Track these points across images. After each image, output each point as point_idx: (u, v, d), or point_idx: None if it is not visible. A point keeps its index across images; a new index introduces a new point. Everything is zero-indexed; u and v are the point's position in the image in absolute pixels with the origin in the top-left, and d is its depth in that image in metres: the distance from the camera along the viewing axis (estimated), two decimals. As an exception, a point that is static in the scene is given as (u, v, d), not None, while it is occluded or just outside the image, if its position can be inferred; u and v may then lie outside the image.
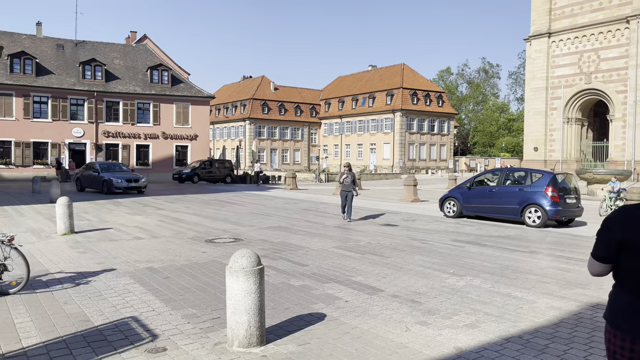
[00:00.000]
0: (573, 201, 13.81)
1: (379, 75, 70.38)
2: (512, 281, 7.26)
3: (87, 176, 24.34)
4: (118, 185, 22.53)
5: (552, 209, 13.15)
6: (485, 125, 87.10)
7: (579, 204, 14.12)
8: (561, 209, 13.30)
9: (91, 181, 23.96)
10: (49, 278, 7.12)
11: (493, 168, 22.33)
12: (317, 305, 5.97)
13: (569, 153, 46.54)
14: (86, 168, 25.33)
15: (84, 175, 24.75)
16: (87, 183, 24.33)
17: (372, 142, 66.70)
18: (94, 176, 23.80)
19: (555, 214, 13.21)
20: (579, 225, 14.22)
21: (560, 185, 13.67)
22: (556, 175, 13.90)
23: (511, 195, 14.15)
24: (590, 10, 44.04)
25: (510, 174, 15.31)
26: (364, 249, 9.76)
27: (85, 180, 24.48)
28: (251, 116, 68.92)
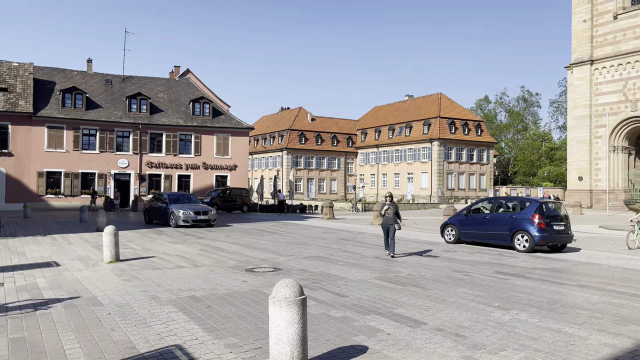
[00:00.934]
0: (561, 228, 14.53)
1: (415, 105, 70.39)
2: (562, 316, 6.98)
3: (155, 208, 22.98)
4: (186, 217, 20.89)
5: (538, 234, 14.01)
6: (526, 154, 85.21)
7: (569, 231, 14.77)
8: (547, 235, 14.07)
9: (159, 213, 22.54)
10: (97, 305, 7.32)
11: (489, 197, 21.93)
12: (359, 338, 5.90)
13: (616, 182, 44.88)
14: (155, 199, 23.92)
15: (152, 207, 23.36)
16: (154, 215, 22.92)
17: (409, 171, 66.27)
18: (161, 208, 22.39)
19: (542, 240, 14.04)
20: (571, 252, 14.75)
21: (549, 213, 14.60)
22: (544, 203, 14.76)
23: (502, 222, 15.09)
24: (634, 37, 43.09)
25: (502, 202, 16.17)
26: (405, 280, 9.61)
27: (153, 212, 23.12)
28: (288, 146, 69.85)
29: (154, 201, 23.54)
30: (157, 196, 23.84)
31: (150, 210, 23.46)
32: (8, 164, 34.38)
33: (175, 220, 20.99)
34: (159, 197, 23.37)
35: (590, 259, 13.18)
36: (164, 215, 22.05)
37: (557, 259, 13.17)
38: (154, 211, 23.06)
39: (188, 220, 20.86)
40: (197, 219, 21.06)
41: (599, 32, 45.79)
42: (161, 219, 22.34)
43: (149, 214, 23.53)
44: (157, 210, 22.71)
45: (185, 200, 22.98)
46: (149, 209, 23.54)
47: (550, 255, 13.83)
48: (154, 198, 23.95)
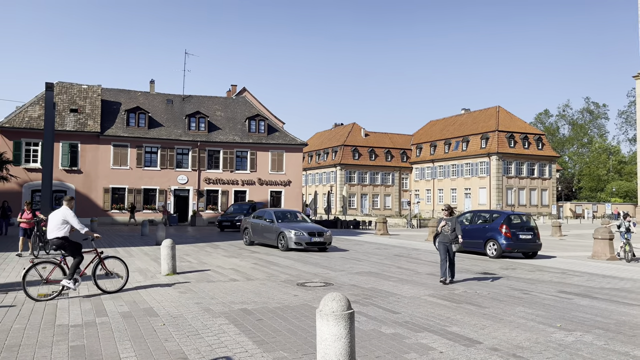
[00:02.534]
0: (528, 237, 16.62)
1: (472, 119, 68.85)
2: (630, 339, 6.50)
3: (258, 226, 19.97)
4: (299, 239, 17.80)
5: (505, 242, 16.24)
6: (592, 168, 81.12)
7: (537, 240, 16.78)
8: (513, 243, 16.26)
9: (262, 233, 19.57)
10: (152, 315, 7.53)
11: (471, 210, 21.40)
12: (410, 355, 5.73)
13: (694, 198, 41.76)
14: (256, 217, 20.72)
15: (253, 225, 20.26)
16: (257, 235, 19.92)
17: (466, 186, 64.61)
18: (266, 227, 19.41)
19: (507, 247, 16.21)
20: (543, 258, 16.99)
21: (517, 224, 16.71)
22: (511, 215, 16.99)
23: (478, 232, 17.28)
24: None
25: (480, 214, 18.41)
26: (460, 297, 9.30)
27: (255, 232, 20.04)
28: (342, 162, 70.00)
29: (254, 218, 20.71)
30: (257, 213, 20.98)
31: (251, 229, 20.29)
32: (77, 181, 36.45)
33: (286, 242, 17.96)
34: (261, 214, 20.48)
35: (664, 279, 12.27)
36: (269, 236, 19.11)
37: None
38: (256, 230, 20.03)
39: (301, 242, 17.77)
40: (312, 241, 17.88)
41: (670, 39, 43.20)
42: (266, 239, 19.31)
43: (249, 235, 20.37)
44: (260, 228, 19.73)
45: (292, 218, 20.17)
46: (250, 227, 20.40)
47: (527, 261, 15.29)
48: (254, 216, 20.91)
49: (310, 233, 17.94)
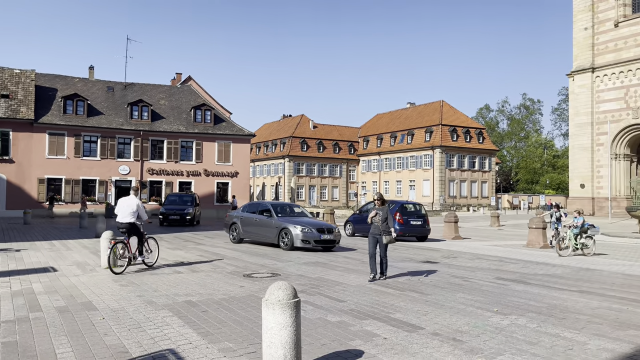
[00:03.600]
0: (418, 223, 19.39)
1: (417, 113, 70.49)
2: (560, 321, 6.90)
3: (251, 221, 17.11)
4: (306, 237, 15.21)
5: (398, 227, 18.37)
6: (528, 162, 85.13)
7: (426, 226, 19.65)
8: (404, 228, 18.81)
9: (258, 229, 16.75)
10: (91, 309, 7.26)
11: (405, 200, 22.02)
12: (355, 342, 5.83)
13: (618, 190, 44.74)
14: (248, 210, 17.73)
15: (244, 220, 17.39)
16: (250, 231, 17.16)
17: (411, 178, 66.20)
18: (263, 222, 16.61)
19: (400, 231, 18.52)
20: (433, 241, 19.95)
21: (411, 212, 19.69)
22: (404, 204, 19.82)
23: None
24: (635, 44, 43.12)
25: None
26: (404, 285, 9.53)
27: (247, 228, 17.23)
28: (290, 154, 69.92)
29: (246, 212, 17.67)
30: (251, 206, 18.08)
31: (241, 223, 17.39)
32: (9, 171, 34.43)
33: (290, 240, 15.34)
34: (257, 206, 17.75)
35: (590, 265, 13.08)
36: (267, 232, 16.37)
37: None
38: (248, 227, 17.15)
39: (309, 240, 15.18)
40: (321, 238, 15.28)
41: (600, 40, 45.85)
42: (262, 237, 16.63)
43: (237, 231, 17.52)
44: (255, 225, 16.94)
45: (292, 212, 17.35)
46: (240, 222, 17.47)
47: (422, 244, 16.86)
48: (246, 209, 17.93)
49: (319, 229, 15.33)
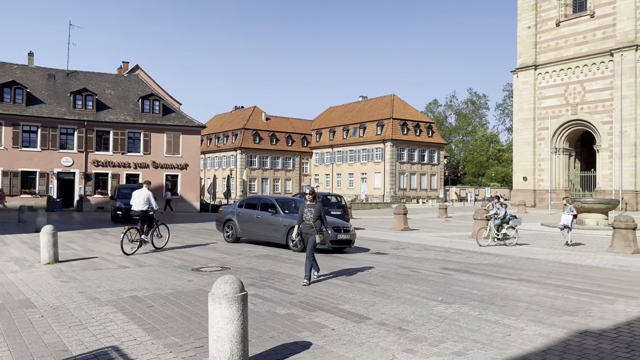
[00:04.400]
0: (338, 213, 20.17)
1: (369, 106, 71.29)
2: (501, 308, 7.20)
3: (251, 218, 15.01)
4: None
5: None
6: (475, 155, 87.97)
7: (345, 215, 20.71)
8: None
9: (261, 227, 14.66)
10: (29, 307, 6.95)
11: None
12: (303, 334, 5.87)
13: (558, 183, 46.97)
14: (243, 204, 15.91)
15: (242, 217, 15.27)
16: (250, 230, 15.03)
17: (363, 171, 67.01)
18: (266, 219, 14.47)
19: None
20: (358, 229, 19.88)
21: (333, 202, 21.25)
22: (327, 195, 21.65)
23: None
24: (574, 43, 45.22)
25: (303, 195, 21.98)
26: (353, 277, 9.67)
27: (246, 225, 15.10)
28: (242, 146, 69.21)
29: (246, 209, 15.47)
30: (250, 201, 15.77)
31: (239, 220, 15.26)
32: (-60, 162, 32.30)
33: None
34: (256, 201, 15.53)
35: (530, 254, 13.69)
36: (272, 232, 14.26)
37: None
38: (248, 224, 15.03)
39: (325, 241, 11.56)
40: (338, 239, 13.14)
41: (542, 39, 47.79)
42: (265, 236, 14.53)
43: (234, 229, 15.38)
44: (256, 222, 14.81)
45: (297, 207, 14.63)
46: (237, 218, 15.34)
47: None
48: (243, 205, 15.80)
49: (335, 229, 13.14)
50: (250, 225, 15.06)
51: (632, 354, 5.23)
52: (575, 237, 19.40)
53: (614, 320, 6.58)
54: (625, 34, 41.26)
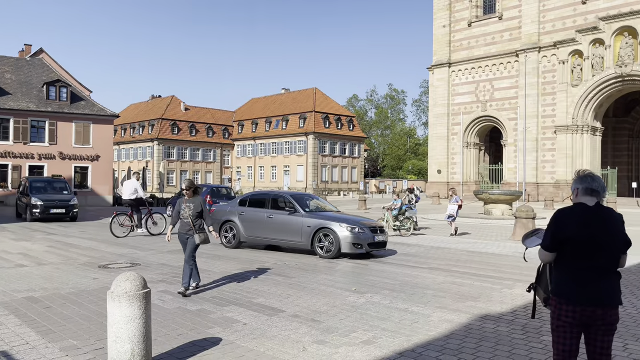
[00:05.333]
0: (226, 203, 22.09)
1: (291, 99, 71.28)
2: (410, 296, 7.45)
3: (260, 219, 12.44)
4: (358, 239, 11.17)
5: (208, 207, 21.16)
6: (393, 149, 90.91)
7: None
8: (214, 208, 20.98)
9: (273, 229, 12.23)
10: None
11: None
12: (213, 330, 5.71)
13: (469, 175, 49.67)
14: (244, 202, 13.13)
15: (247, 218, 12.64)
16: (257, 232, 12.49)
17: (285, 164, 67.00)
18: (281, 220, 12.08)
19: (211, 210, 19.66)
20: None
21: (222, 194, 23.20)
22: (214, 187, 23.97)
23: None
24: (484, 43, 47.85)
25: None
26: (269, 270, 9.59)
27: (253, 227, 12.53)
28: (160, 136, 66.66)
29: (250, 208, 12.78)
30: (254, 198, 13.21)
31: (244, 223, 12.65)
32: None
33: (335, 244, 11.11)
34: (261, 199, 13.01)
35: (441, 243, 14.34)
36: (289, 235, 11.95)
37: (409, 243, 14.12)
38: (256, 226, 12.46)
39: (361, 243, 11.15)
40: (375, 241, 11.46)
41: (456, 37, 50.13)
42: (280, 240, 12.21)
43: (237, 232, 12.74)
44: (267, 224, 12.29)
45: (313, 204, 12.87)
46: (240, 221, 12.73)
47: None
48: (246, 202, 13.11)
49: (372, 229, 11.50)
50: (259, 228, 12.38)
51: (526, 336, 5.60)
52: (482, 226, 20.59)
53: (512, 304, 7.02)
54: (529, 36, 44.28)
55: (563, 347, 3.19)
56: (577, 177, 3.31)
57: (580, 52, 40.99)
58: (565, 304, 3.14)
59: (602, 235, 3.11)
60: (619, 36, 39.04)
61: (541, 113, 43.84)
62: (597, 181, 3.23)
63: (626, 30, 38.58)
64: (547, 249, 3.25)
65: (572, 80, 41.70)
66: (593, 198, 3.21)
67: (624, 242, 3.17)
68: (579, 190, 3.26)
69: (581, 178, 3.27)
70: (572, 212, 3.21)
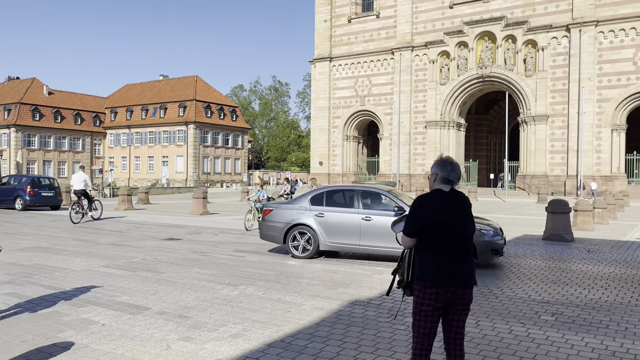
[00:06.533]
0: (50, 194, 22.23)
1: (170, 86, 68.25)
2: (285, 286, 7.41)
3: (348, 221, 9.65)
4: (497, 244, 9.05)
5: (28, 198, 21.36)
6: (277, 140, 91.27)
7: (58, 197, 22.54)
8: (35, 199, 21.55)
9: (374, 235, 9.44)
10: None
11: None
12: (66, 334, 5.16)
13: (348, 167, 51.48)
14: (321, 199, 10.10)
15: (326, 220, 9.78)
16: (348, 241, 9.65)
17: (164, 154, 64.09)
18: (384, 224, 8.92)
19: (30, 202, 21.39)
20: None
21: (44, 184, 22.61)
22: (36, 178, 23.15)
23: (8, 191, 21.96)
24: (363, 40, 49.72)
25: (12, 177, 24.43)
26: (137, 265, 8.98)
27: (336, 231, 9.74)
28: (18, 123, 60.03)
29: (331, 209, 9.90)
30: (329, 195, 10.24)
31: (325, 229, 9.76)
32: None
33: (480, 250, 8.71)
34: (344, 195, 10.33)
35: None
36: None
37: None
38: (342, 230, 9.67)
39: (498, 248, 9.09)
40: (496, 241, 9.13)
41: (337, 33, 51.46)
42: (387, 250, 9.33)
43: (313, 240, 9.83)
44: (367, 229, 9.46)
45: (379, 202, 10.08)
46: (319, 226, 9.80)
47: None
48: (322, 200, 10.11)
49: (495, 232, 9.20)
50: (348, 233, 9.64)
51: (391, 318, 5.81)
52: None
53: (381, 289, 7.29)
54: (404, 35, 46.88)
55: (424, 330, 3.27)
56: (438, 163, 3.41)
57: (448, 53, 44.32)
58: (429, 287, 3.21)
59: (459, 220, 3.27)
60: (480, 40, 42.87)
61: (414, 109, 46.74)
62: (455, 170, 3.36)
63: (487, 35, 42.48)
64: (410, 235, 3.33)
65: (440, 79, 44.97)
66: (449, 185, 3.36)
67: (473, 223, 3.36)
68: (438, 177, 3.38)
69: (441, 165, 3.38)
70: (431, 198, 3.31)
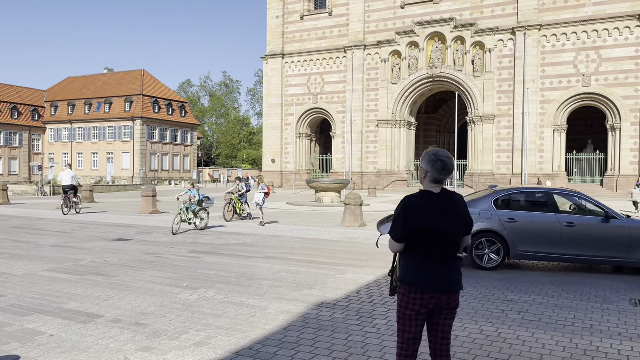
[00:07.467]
0: None
1: (116, 80, 65.70)
2: (247, 289, 7.12)
3: (550, 227, 8.87)
4: None
5: None
6: (228, 137, 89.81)
7: None
8: None
9: (576, 242, 8.78)
10: None
11: None
12: (9, 347, 4.70)
13: (301, 165, 51.27)
14: (506, 202, 9.41)
15: (521, 226, 8.93)
16: (548, 249, 8.87)
17: (109, 150, 61.66)
18: (590, 230, 8.82)
19: None
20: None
21: None
22: None
23: None
24: (316, 37, 49.60)
25: None
26: (85, 269, 8.43)
27: (534, 238, 8.90)
28: (-52, 116, 56.06)
29: (519, 212, 9.22)
30: (515, 198, 9.59)
31: (520, 235, 8.92)
32: None
33: None
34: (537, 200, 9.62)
35: (276, 232, 14.31)
36: (606, 249, 8.81)
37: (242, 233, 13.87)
38: (542, 237, 8.89)
39: None
40: None
41: (289, 29, 51.07)
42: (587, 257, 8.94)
43: (503, 249, 8.93)
44: (569, 236, 8.78)
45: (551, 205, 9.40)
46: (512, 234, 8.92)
47: None
48: (508, 203, 9.42)
49: None
50: (547, 241, 8.86)
51: (361, 321, 5.67)
52: (314, 213, 21.24)
53: (346, 290, 7.14)
54: (356, 34, 47.11)
55: (409, 335, 3.13)
56: (428, 160, 3.12)
57: (399, 52, 44.89)
58: (414, 292, 3.08)
59: (448, 223, 3.08)
60: (431, 41, 43.68)
61: (366, 107, 47.09)
62: (446, 168, 3.10)
63: (437, 36, 43.34)
64: (398, 240, 3.14)
65: (392, 79, 45.51)
66: (439, 186, 3.15)
67: (466, 226, 3.18)
68: (428, 176, 3.12)
69: (432, 163, 3.10)
70: (420, 201, 3.10)
